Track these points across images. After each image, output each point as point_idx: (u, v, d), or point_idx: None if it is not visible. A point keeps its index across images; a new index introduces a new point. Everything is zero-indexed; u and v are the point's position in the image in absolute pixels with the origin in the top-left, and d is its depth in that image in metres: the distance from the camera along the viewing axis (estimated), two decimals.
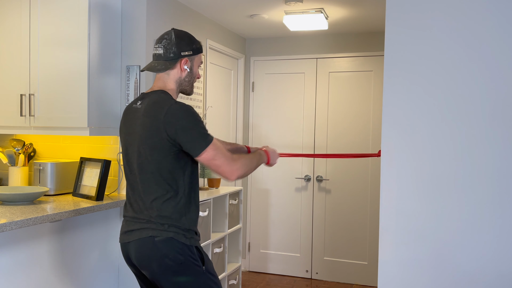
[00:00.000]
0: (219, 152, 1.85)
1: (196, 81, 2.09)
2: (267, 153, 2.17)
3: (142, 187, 1.88)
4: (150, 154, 1.85)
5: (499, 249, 1.95)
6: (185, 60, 1.98)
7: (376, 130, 4.26)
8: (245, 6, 3.54)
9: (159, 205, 1.86)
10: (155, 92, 1.93)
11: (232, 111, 4.50)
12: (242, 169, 1.90)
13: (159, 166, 1.85)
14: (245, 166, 1.92)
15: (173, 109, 1.82)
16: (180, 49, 1.96)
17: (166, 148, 1.83)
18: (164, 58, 1.96)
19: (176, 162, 1.86)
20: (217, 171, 1.87)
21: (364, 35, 4.29)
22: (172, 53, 1.95)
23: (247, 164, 1.94)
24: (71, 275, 2.55)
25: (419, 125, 2.05)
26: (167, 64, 1.96)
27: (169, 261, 1.82)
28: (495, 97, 1.94)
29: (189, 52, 1.98)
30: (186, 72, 1.99)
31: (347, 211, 4.41)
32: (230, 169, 1.87)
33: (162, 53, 1.96)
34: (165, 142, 1.82)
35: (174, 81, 1.99)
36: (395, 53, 2.08)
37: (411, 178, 2.06)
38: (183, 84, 2.01)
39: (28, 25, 2.82)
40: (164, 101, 1.86)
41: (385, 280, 2.10)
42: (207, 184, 3.60)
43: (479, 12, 1.96)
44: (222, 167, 1.85)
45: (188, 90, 2.05)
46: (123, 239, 1.94)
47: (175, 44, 1.95)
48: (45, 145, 3.23)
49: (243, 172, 1.91)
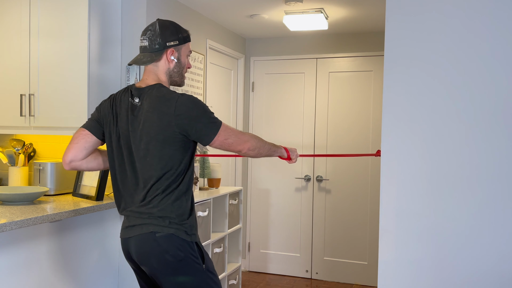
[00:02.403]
0: (229, 131, 1.89)
1: (186, 71, 2.05)
2: (286, 150, 2.22)
3: (146, 184, 1.87)
4: (160, 149, 1.83)
5: (499, 249, 1.94)
6: (171, 51, 1.93)
7: (376, 130, 4.26)
8: (245, 6, 3.54)
9: (162, 200, 1.85)
10: (154, 87, 1.89)
11: (232, 111, 4.50)
12: (252, 141, 1.95)
13: (169, 160, 1.84)
14: (254, 139, 1.96)
15: (182, 101, 1.81)
16: (165, 39, 1.92)
17: (177, 141, 1.83)
18: (150, 50, 1.92)
19: (183, 157, 1.87)
20: (229, 149, 1.92)
21: (364, 35, 4.29)
22: (157, 44, 1.91)
23: (256, 140, 1.97)
24: (71, 275, 2.55)
25: (419, 125, 2.05)
26: (153, 56, 1.92)
27: (169, 257, 1.82)
28: (494, 96, 1.94)
29: (175, 42, 1.94)
30: (173, 63, 1.96)
31: (347, 211, 4.41)
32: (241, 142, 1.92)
33: (148, 45, 1.92)
34: (177, 135, 1.82)
35: (164, 73, 1.96)
36: (395, 53, 2.08)
37: (411, 178, 2.06)
38: (172, 76, 1.98)
39: (28, 21, 2.82)
40: (169, 95, 1.84)
41: (385, 280, 2.10)
42: (207, 184, 3.60)
43: (478, 12, 1.96)
44: (234, 143, 1.90)
45: (178, 81, 2.02)
46: (124, 234, 1.93)
47: (159, 35, 1.91)
48: (45, 145, 3.23)
49: (253, 145, 1.95)
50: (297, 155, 2.30)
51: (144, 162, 1.87)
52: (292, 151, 2.27)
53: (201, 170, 3.51)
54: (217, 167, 3.56)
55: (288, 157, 2.25)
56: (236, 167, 4.59)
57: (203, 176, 3.52)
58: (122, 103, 1.94)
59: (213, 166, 3.54)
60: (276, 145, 2.16)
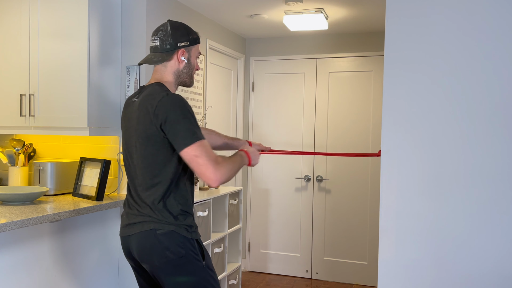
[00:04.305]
0: (205, 151, 1.76)
1: (195, 72, 2.07)
2: (247, 154, 2.03)
3: (142, 180, 1.89)
4: (145, 148, 1.85)
5: (499, 249, 1.95)
6: (182, 51, 1.96)
7: (376, 130, 4.26)
8: (245, 6, 3.54)
9: (159, 198, 1.86)
10: (151, 85, 1.93)
11: (232, 111, 4.50)
12: (226, 175, 1.80)
13: (154, 159, 1.85)
14: (229, 171, 1.81)
15: (164, 101, 1.80)
16: (176, 40, 1.94)
17: (158, 141, 1.82)
18: (161, 50, 1.95)
19: (170, 155, 1.85)
20: (199, 172, 1.76)
21: (364, 35, 4.29)
22: (168, 45, 1.94)
23: (231, 169, 1.83)
24: (71, 275, 2.55)
25: (419, 125, 2.05)
26: (164, 56, 1.95)
27: (170, 254, 1.82)
28: (494, 96, 1.94)
29: (186, 43, 1.97)
30: (183, 63, 1.98)
31: (347, 211, 4.41)
32: (213, 173, 1.75)
33: (159, 45, 1.95)
34: (158, 134, 1.81)
35: (172, 73, 1.97)
36: (395, 53, 2.08)
37: (411, 178, 2.06)
38: (181, 76, 2.00)
39: (28, 22, 2.82)
40: (157, 93, 1.85)
41: (385, 280, 2.10)
42: (207, 184, 3.59)
43: (479, 11, 1.96)
44: (205, 168, 1.74)
45: (187, 82, 2.04)
46: (124, 232, 1.94)
47: (171, 35, 1.94)
48: (45, 145, 3.23)
49: (226, 178, 1.80)
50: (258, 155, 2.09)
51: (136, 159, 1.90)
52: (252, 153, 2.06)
53: None
54: None
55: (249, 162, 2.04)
56: None
57: None
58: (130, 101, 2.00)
59: None
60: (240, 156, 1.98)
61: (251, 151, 2.06)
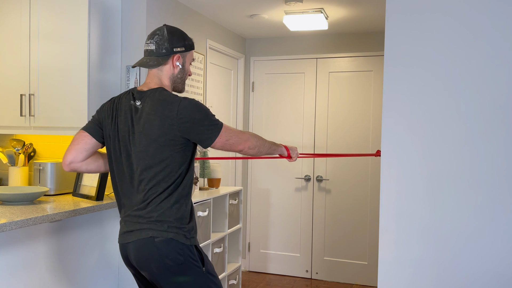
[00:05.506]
0: (230, 132, 1.93)
1: (187, 78, 2.08)
2: (286, 148, 2.25)
3: (145, 186, 1.87)
4: (161, 152, 1.84)
5: (499, 249, 1.94)
6: (177, 57, 1.96)
7: (376, 130, 4.26)
8: (245, 6, 3.54)
9: (161, 203, 1.85)
10: (156, 90, 1.91)
11: (232, 111, 4.50)
12: (252, 140, 1.98)
13: (169, 163, 1.85)
14: (254, 138, 1.99)
15: (184, 105, 1.83)
16: (172, 45, 1.95)
17: (177, 144, 1.85)
18: (156, 54, 1.95)
19: (183, 159, 1.88)
20: (231, 149, 1.95)
21: (364, 35, 4.29)
22: (164, 49, 1.94)
23: (256, 139, 2.01)
24: (70, 275, 2.55)
25: (419, 125, 2.05)
26: (160, 60, 1.95)
27: (169, 262, 1.82)
28: (495, 96, 1.94)
29: (182, 48, 1.97)
30: (178, 69, 1.98)
31: (347, 211, 4.41)
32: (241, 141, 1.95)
33: (154, 49, 1.95)
34: (178, 138, 1.83)
35: (168, 78, 1.98)
36: (395, 53, 2.08)
37: (411, 178, 2.06)
38: (175, 81, 2.01)
39: (28, 23, 2.82)
40: (171, 98, 1.86)
41: (385, 280, 2.10)
42: (207, 184, 3.60)
43: (479, 11, 1.96)
44: (235, 143, 1.94)
45: (180, 87, 2.05)
46: (122, 239, 1.93)
47: (167, 40, 1.94)
48: (45, 145, 3.23)
49: (253, 143, 1.98)
50: (298, 153, 2.32)
51: (142, 164, 1.87)
52: (293, 149, 2.30)
53: (201, 170, 3.51)
54: (217, 167, 3.56)
55: (289, 155, 2.27)
56: (236, 167, 4.59)
57: (203, 176, 3.52)
58: (123, 105, 1.95)
59: (213, 166, 3.55)
60: (276, 144, 2.18)
61: (292, 147, 2.30)
